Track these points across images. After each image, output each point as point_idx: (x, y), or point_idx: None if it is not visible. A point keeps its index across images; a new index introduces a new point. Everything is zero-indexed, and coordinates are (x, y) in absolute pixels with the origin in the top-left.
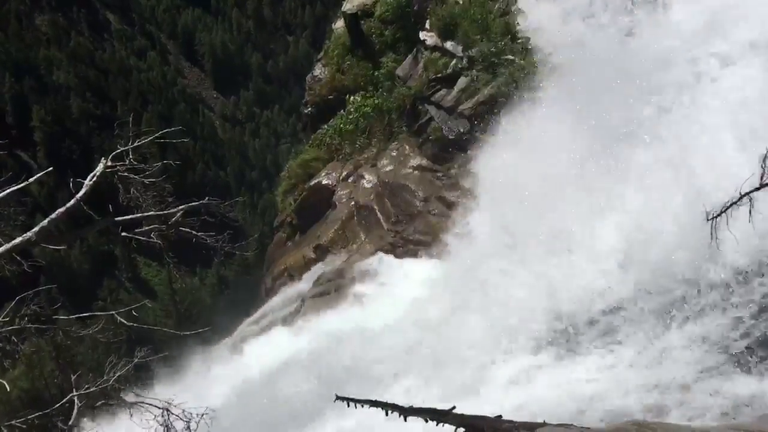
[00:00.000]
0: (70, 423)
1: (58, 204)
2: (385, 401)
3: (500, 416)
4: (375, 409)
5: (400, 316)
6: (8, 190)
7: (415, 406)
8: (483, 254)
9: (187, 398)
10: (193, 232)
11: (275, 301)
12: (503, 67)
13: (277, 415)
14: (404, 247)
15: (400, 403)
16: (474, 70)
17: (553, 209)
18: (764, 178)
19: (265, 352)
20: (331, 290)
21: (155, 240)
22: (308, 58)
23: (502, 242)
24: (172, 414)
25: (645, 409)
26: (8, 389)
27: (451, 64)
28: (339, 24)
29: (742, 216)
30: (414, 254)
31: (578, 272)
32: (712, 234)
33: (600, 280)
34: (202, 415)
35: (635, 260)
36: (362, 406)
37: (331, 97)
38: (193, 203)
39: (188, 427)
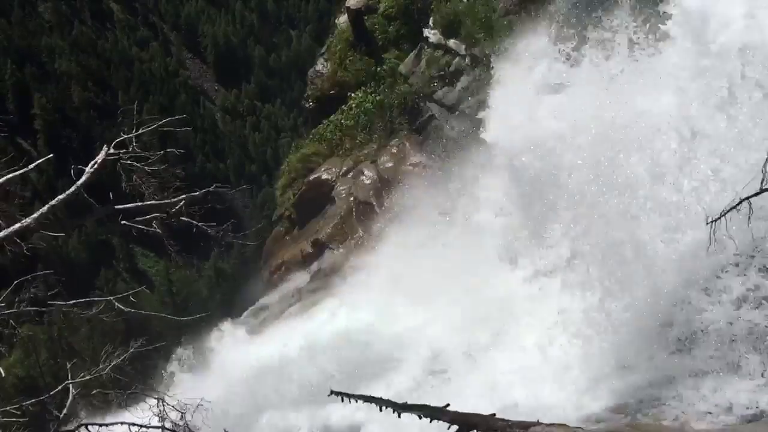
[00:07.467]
0: (64, 411)
1: (58, 192)
2: (379, 397)
3: (494, 414)
4: (369, 404)
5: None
6: (9, 176)
7: (409, 402)
8: None
9: (183, 390)
10: (194, 222)
11: (273, 295)
12: None
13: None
14: None
15: (394, 400)
16: (477, 69)
17: None
18: (764, 183)
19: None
20: (326, 286)
21: (155, 229)
22: (311, 52)
23: None
24: (167, 404)
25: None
26: (3, 375)
27: (454, 62)
28: (342, 19)
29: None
30: None
31: None
32: (710, 238)
33: None
34: (197, 406)
35: None
36: (356, 401)
37: (332, 92)
38: (195, 192)
39: (183, 418)
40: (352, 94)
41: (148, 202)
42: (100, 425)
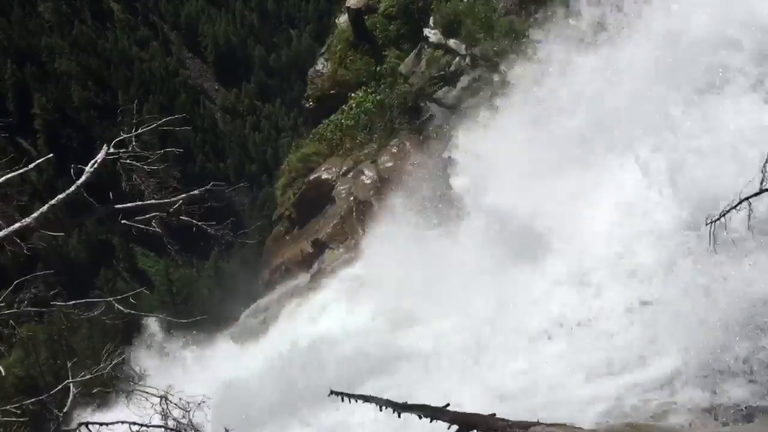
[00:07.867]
0: (64, 410)
1: (58, 192)
2: (379, 397)
3: (494, 414)
4: (369, 404)
5: None
6: (9, 176)
7: (409, 402)
8: None
9: (183, 387)
10: (193, 221)
11: (272, 295)
12: (506, 66)
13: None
14: None
15: (394, 399)
16: (477, 69)
17: None
18: (764, 183)
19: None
20: (324, 286)
21: (155, 228)
22: (311, 52)
23: None
24: (170, 402)
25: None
26: (3, 374)
27: (454, 62)
28: (342, 19)
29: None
30: None
31: None
32: (710, 238)
33: None
34: (199, 403)
35: None
36: (356, 401)
37: (332, 91)
38: (194, 191)
39: (185, 416)
40: (353, 94)
41: (148, 202)
42: (101, 424)
